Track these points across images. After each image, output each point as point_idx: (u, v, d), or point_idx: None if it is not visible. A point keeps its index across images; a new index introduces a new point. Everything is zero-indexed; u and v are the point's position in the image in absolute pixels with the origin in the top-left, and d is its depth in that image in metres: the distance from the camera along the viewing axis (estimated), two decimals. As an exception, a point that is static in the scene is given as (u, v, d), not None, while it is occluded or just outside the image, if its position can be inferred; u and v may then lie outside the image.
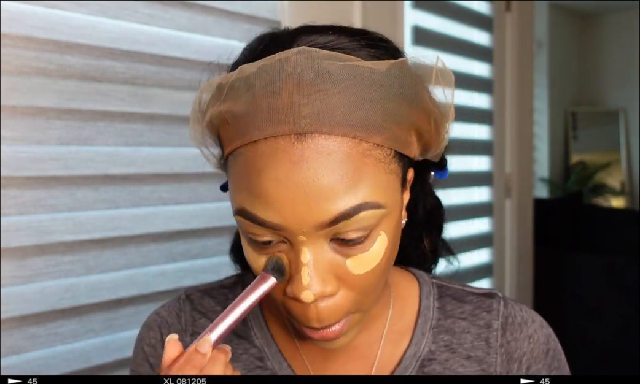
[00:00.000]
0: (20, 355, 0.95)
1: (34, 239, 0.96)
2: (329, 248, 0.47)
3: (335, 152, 0.45)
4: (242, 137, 0.47)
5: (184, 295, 0.66)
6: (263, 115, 0.45)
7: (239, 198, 0.48)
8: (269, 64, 0.45)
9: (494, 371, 0.59)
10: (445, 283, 0.64)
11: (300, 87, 0.45)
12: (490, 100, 2.02)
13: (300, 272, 0.47)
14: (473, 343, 0.60)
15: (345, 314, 0.49)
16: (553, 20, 4.54)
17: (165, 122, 1.11)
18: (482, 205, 2.01)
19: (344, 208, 0.45)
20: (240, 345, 0.62)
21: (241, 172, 0.47)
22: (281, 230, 0.46)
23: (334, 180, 0.45)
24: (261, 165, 0.45)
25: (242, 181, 0.47)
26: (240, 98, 0.46)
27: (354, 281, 0.48)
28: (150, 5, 1.07)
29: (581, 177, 4.57)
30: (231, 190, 0.50)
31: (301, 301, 0.47)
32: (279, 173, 0.45)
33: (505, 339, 0.60)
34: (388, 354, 0.60)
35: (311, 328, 0.50)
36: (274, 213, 0.45)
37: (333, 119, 0.45)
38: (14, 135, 0.93)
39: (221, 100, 0.48)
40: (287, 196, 0.45)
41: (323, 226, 0.45)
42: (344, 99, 0.45)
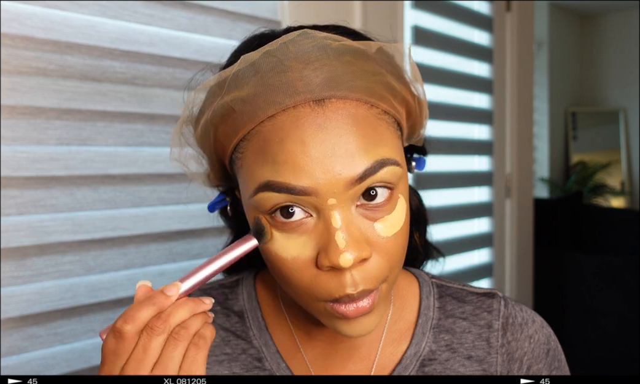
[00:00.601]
0: (20, 355, 0.95)
1: (34, 239, 0.96)
2: (356, 213, 0.48)
3: (354, 114, 0.47)
4: (254, 118, 0.48)
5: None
6: (277, 91, 0.47)
7: (261, 174, 0.47)
8: (273, 48, 0.47)
9: (494, 371, 0.59)
10: (445, 283, 0.64)
11: (309, 62, 0.47)
12: (490, 100, 2.02)
13: (334, 237, 0.47)
14: (474, 342, 0.60)
15: (378, 281, 0.49)
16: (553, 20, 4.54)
17: (165, 122, 1.11)
18: (482, 205, 2.01)
19: (370, 163, 0.47)
20: (239, 345, 0.62)
21: (259, 148, 0.48)
22: (312, 194, 0.46)
23: (357, 138, 0.47)
24: (284, 134, 0.47)
25: (262, 157, 0.47)
26: (247, 84, 0.48)
27: (384, 244, 0.49)
28: (150, 5, 1.07)
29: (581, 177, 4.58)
30: (246, 178, 0.49)
31: (339, 267, 0.46)
32: (304, 136, 0.46)
33: (506, 340, 0.60)
34: (388, 354, 0.60)
35: (347, 301, 0.48)
36: (304, 176, 0.46)
37: (345, 85, 0.47)
38: (14, 135, 0.93)
39: (222, 94, 0.49)
40: (316, 156, 0.46)
41: (353, 183, 0.46)
42: (348, 70, 0.48)
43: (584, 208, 3.38)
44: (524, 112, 2.17)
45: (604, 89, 4.86)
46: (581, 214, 3.18)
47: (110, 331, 0.46)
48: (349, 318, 0.49)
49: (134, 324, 0.45)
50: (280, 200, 0.47)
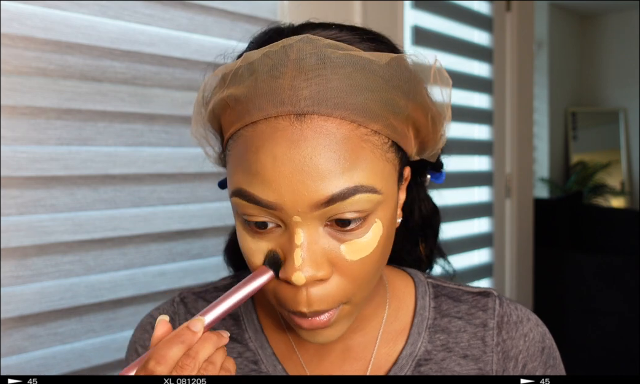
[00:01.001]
0: (20, 355, 0.95)
1: (34, 239, 0.96)
2: (324, 232, 0.48)
3: (334, 133, 0.46)
4: (242, 118, 0.48)
5: (178, 298, 0.66)
6: (264, 97, 0.46)
7: (236, 179, 0.48)
8: (273, 50, 0.47)
9: (490, 369, 0.59)
10: (440, 283, 0.64)
11: (302, 71, 0.46)
12: (490, 100, 2.02)
13: (293, 254, 0.47)
14: (469, 341, 0.60)
15: (335, 302, 0.49)
16: (553, 20, 4.54)
17: (165, 122, 1.11)
18: (482, 205, 2.01)
19: (340, 188, 0.46)
20: (235, 349, 0.62)
21: (240, 152, 0.48)
22: (277, 209, 0.46)
23: (331, 160, 0.45)
24: (259, 143, 0.46)
25: (240, 161, 0.48)
26: (243, 83, 0.47)
27: (348, 267, 0.48)
28: (150, 5, 1.07)
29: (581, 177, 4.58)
30: (229, 175, 0.50)
31: (292, 284, 0.47)
32: (276, 151, 0.45)
33: (501, 338, 0.60)
34: (384, 355, 0.60)
35: (300, 316, 0.49)
36: (271, 191, 0.46)
37: (332, 102, 0.46)
38: (14, 135, 0.93)
39: (224, 87, 0.49)
40: (284, 173, 0.45)
41: (318, 205, 0.46)
42: (343, 84, 0.46)
43: (584, 208, 3.38)
44: (524, 112, 2.17)
45: (604, 89, 4.86)
46: (581, 214, 3.18)
47: (141, 371, 0.45)
48: (305, 328, 0.50)
49: (166, 365, 0.45)
50: (250, 211, 0.47)
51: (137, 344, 0.64)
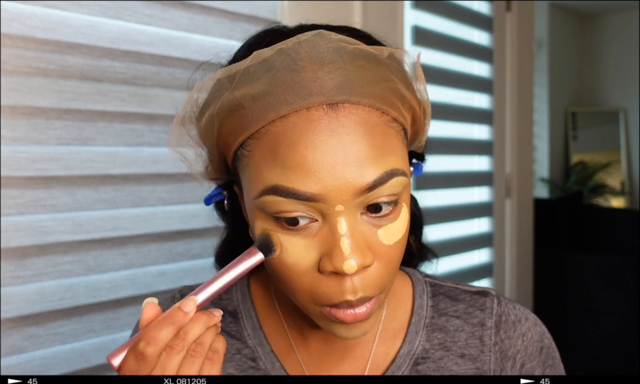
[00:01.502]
0: (20, 355, 0.95)
1: (34, 239, 0.96)
2: (361, 219, 0.48)
3: (366, 121, 0.47)
4: (265, 116, 0.47)
5: (178, 294, 0.66)
6: (290, 90, 0.46)
7: (269, 177, 0.47)
8: (287, 46, 0.47)
9: (487, 369, 0.59)
10: (438, 282, 0.64)
11: (323, 64, 0.46)
12: (490, 100, 2.02)
13: (339, 243, 0.46)
14: (467, 341, 0.60)
15: (378, 289, 0.49)
16: (553, 20, 4.54)
17: (165, 122, 1.11)
18: (482, 205, 2.01)
19: (379, 173, 0.47)
20: (233, 345, 0.62)
21: (270, 149, 0.47)
22: (320, 200, 0.46)
23: (369, 146, 0.46)
24: (295, 136, 0.46)
25: (271, 158, 0.47)
26: (258, 80, 0.47)
27: (385, 252, 0.49)
28: (150, 5, 1.07)
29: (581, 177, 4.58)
30: (251, 177, 0.49)
31: (343, 273, 0.46)
32: (316, 140, 0.45)
33: (499, 338, 0.60)
34: (382, 354, 0.60)
35: (346, 306, 0.49)
36: (314, 182, 0.45)
37: (358, 90, 0.47)
38: (14, 135, 0.93)
39: (232, 89, 0.48)
40: (327, 162, 0.45)
41: (362, 191, 0.46)
42: (362, 75, 0.47)
43: (584, 208, 3.38)
44: (524, 112, 2.17)
45: (604, 89, 4.86)
46: (581, 214, 3.18)
47: (130, 353, 0.45)
48: (342, 321, 0.49)
49: (156, 346, 0.44)
50: (286, 207, 0.47)
51: None
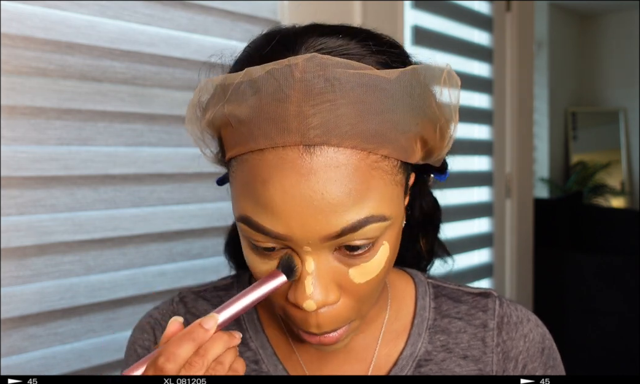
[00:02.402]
0: (20, 355, 0.95)
1: (34, 239, 0.96)
2: (333, 257, 0.48)
3: (344, 164, 0.44)
4: (246, 143, 0.46)
5: (177, 298, 0.66)
6: (270, 123, 0.44)
7: (243, 206, 0.47)
8: (277, 68, 0.44)
9: (490, 370, 0.59)
10: (440, 283, 0.64)
11: (309, 96, 0.44)
12: (490, 100, 2.02)
13: (304, 281, 0.47)
14: (469, 342, 0.60)
15: (345, 321, 0.50)
16: (553, 20, 4.54)
17: (165, 122, 1.11)
18: (482, 205, 2.01)
19: (351, 221, 0.45)
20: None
21: (246, 179, 0.47)
22: (286, 240, 0.46)
23: (342, 194, 0.44)
24: (267, 175, 0.45)
25: (246, 189, 0.47)
26: (245, 102, 0.45)
27: (355, 289, 0.49)
28: (150, 5, 1.07)
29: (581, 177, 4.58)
30: (234, 195, 0.49)
31: (302, 309, 0.47)
32: (286, 184, 0.44)
33: (501, 339, 0.60)
34: (385, 355, 0.60)
35: (310, 334, 0.50)
36: (280, 224, 0.45)
37: (342, 130, 0.44)
38: (14, 135, 0.93)
39: (224, 101, 0.47)
40: (294, 208, 0.44)
41: (329, 238, 0.45)
42: (353, 110, 0.44)
43: (584, 208, 3.38)
44: (524, 112, 2.17)
45: (604, 89, 4.86)
46: (581, 214, 3.18)
47: (150, 368, 0.45)
48: (315, 343, 0.51)
49: (175, 363, 0.44)
50: (258, 237, 0.47)
51: (136, 344, 0.64)
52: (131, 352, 0.64)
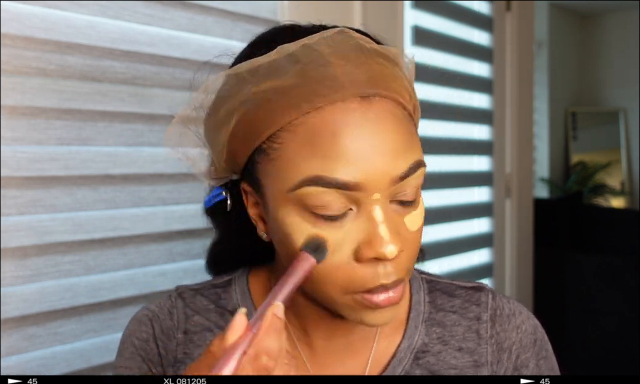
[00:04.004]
0: (20, 355, 0.95)
1: (34, 239, 0.96)
2: (391, 208, 0.50)
3: (395, 113, 0.50)
4: (298, 108, 0.48)
5: (175, 293, 0.66)
6: (320, 84, 0.48)
7: (308, 168, 0.48)
8: (313, 41, 0.48)
9: (485, 361, 0.61)
10: (434, 278, 0.66)
11: (349, 60, 0.48)
12: (490, 100, 2.02)
13: (378, 230, 0.48)
14: (464, 335, 0.61)
15: (407, 272, 0.52)
16: (553, 20, 4.54)
17: (165, 122, 1.11)
18: (482, 205, 2.01)
19: (410, 163, 0.49)
20: None
21: (308, 140, 0.48)
22: (360, 189, 0.48)
23: (400, 138, 0.49)
24: (335, 127, 0.47)
25: (310, 150, 0.48)
26: (286, 74, 0.48)
27: (409, 238, 0.51)
28: (150, 5, 1.07)
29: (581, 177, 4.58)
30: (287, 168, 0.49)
31: (385, 258, 0.48)
32: (355, 132, 0.48)
33: (495, 331, 0.62)
34: (383, 348, 0.61)
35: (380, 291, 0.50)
36: (355, 171, 0.47)
37: (385, 84, 0.49)
38: (14, 135, 0.93)
39: (255, 82, 0.49)
40: (366, 153, 0.47)
41: (396, 180, 0.49)
42: (383, 71, 0.50)
43: (584, 208, 3.38)
44: (524, 112, 2.17)
45: (604, 89, 4.86)
46: (581, 214, 3.18)
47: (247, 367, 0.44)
48: (380, 308, 0.51)
49: (275, 358, 0.44)
50: (325, 197, 0.48)
51: (133, 336, 0.63)
52: (127, 344, 0.64)
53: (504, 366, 0.61)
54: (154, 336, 0.62)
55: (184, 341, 0.62)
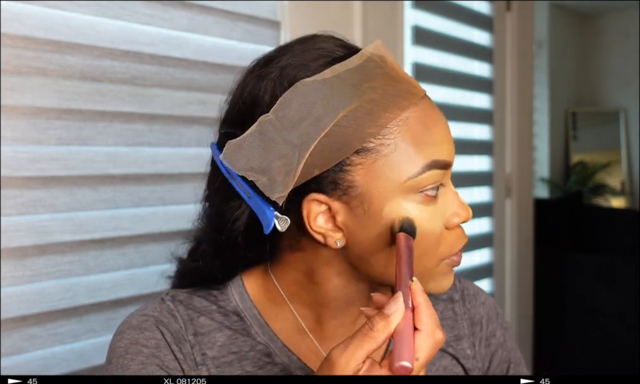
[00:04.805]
0: (20, 355, 0.95)
1: (34, 239, 0.96)
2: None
3: None
4: (402, 103, 0.54)
5: (168, 296, 0.63)
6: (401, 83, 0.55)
7: (427, 154, 0.54)
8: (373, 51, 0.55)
9: (463, 334, 0.69)
10: None
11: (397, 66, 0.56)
12: (490, 100, 2.02)
13: (460, 199, 0.58)
14: (443, 313, 0.69)
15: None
16: (553, 20, 4.54)
17: (165, 122, 1.11)
18: (482, 205, 2.01)
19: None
20: (246, 342, 0.61)
21: (419, 131, 0.55)
22: (449, 167, 0.57)
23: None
24: (431, 118, 0.56)
25: (421, 139, 0.55)
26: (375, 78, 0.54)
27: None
28: (150, 5, 1.07)
29: (581, 177, 4.57)
30: (404, 157, 0.54)
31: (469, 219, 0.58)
32: (441, 119, 0.57)
33: (466, 308, 0.71)
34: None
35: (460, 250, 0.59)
36: (449, 151, 0.56)
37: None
38: (14, 135, 0.93)
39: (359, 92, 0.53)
40: (448, 135, 0.57)
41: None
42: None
43: (584, 208, 3.38)
44: (524, 112, 2.17)
45: (604, 89, 4.86)
46: (581, 214, 3.18)
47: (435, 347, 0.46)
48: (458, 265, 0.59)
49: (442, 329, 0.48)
50: (438, 178, 0.55)
51: (139, 345, 0.58)
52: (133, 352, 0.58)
53: (478, 337, 0.70)
54: (165, 342, 0.59)
55: (196, 342, 0.60)
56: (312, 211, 0.55)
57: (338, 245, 0.55)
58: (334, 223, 0.55)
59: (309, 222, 0.55)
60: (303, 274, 0.60)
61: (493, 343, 0.71)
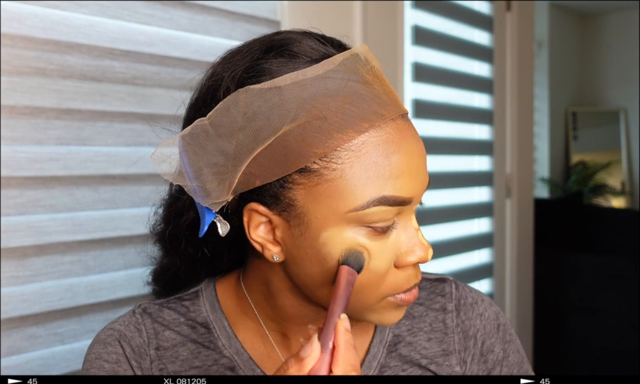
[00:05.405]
0: (20, 355, 0.95)
1: (34, 239, 0.96)
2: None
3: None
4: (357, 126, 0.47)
5: (139, 309, 0.62)
6: (372, 102, 0.48)
7: (375, 188, 0.48)
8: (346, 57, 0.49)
9: (453, 349, 0.63)
10: None
11: (377, 79, 0.50)
12: (490, 100, 2.02)
13: (418, 237, 0.52)
14: (432, 325, 0.64)
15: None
16: (553, 20, 4.54)
17: (165, 122, 1.10)
18: (482, 205, 2.01)
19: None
20: (209, 356, 0.60)
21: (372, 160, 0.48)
22: (411, 202, 0.50)
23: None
24: (394, 147, 0.48)
25: (374, 169, 0.48)
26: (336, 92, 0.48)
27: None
28: (150, 5, 1.07)
29: (581, 177, 4.58)
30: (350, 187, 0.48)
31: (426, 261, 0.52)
32: (408, 148, 0.49)
33: (460, 319, 0.65)
34: (358, 346, 0.62)
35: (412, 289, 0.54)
36: (411, 186, 0.49)
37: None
38: (13, 135, 0.93)
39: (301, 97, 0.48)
40: (418, 167, 0.50)
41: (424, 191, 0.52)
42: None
43: (584, 208, 3.38)
44: (524, 112, 2.17)
45: (604, 89, 4.86)
46: (581, 214, 3.18)
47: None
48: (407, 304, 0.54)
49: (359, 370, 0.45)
50: (388, 215, 0.49)
51: (102, 360, 0.59)
52: (95, 369, 0.59)
53: (471, 353, 0.64)
54: (125, 357, 0.58)
55: (157, 357, 0.59)
56: (253, 220, 0.52)
57: (275, 259, 0.52)
58: (274, 237, 0.52)
59: (248, 230, 0.52)
60: (263, 283, 0.58)
61: (490, 359, 0.64)
